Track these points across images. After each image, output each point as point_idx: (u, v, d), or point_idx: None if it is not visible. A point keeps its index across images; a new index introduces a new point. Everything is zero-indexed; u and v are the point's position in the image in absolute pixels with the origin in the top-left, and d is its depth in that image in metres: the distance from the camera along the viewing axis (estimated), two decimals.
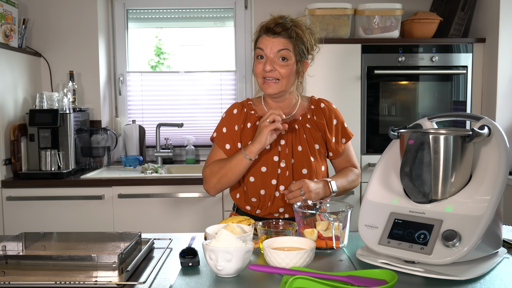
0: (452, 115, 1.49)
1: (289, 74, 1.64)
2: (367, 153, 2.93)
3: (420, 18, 2.91)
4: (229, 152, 1.73)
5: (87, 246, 1.41)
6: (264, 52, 1.63)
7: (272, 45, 1.62)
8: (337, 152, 1.76)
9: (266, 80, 1.64)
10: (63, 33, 3.29)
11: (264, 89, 1.66)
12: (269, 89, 1.65)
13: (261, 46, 1.64)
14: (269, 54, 1.62)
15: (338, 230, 1.34)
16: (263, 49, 1.63)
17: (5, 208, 2.78)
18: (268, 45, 1.62)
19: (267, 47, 1.63)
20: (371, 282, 1.03)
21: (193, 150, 3.43)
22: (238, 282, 1.15)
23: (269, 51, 1.62)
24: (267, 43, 1.63)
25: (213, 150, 1.77)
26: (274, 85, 1.64)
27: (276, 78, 1.63)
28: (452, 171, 1.22)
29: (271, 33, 1.62)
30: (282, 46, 1.62)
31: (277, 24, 1.62)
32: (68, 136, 2.95)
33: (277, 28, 1.61)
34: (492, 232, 1.20)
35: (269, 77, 1.63)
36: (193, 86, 3.56)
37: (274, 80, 1.64)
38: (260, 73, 1.65)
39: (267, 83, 1.64)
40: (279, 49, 1.62)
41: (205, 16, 3.56)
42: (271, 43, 1.62)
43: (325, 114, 1.75)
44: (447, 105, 2.98)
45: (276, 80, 1.64)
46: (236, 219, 1.45)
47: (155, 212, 2.82)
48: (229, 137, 1.73)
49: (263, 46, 1.63)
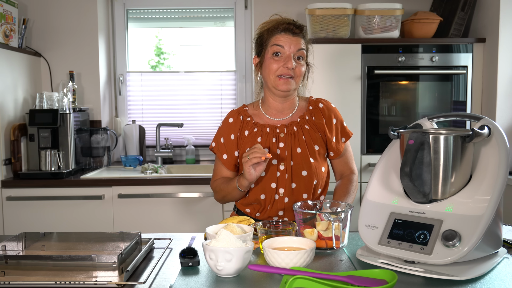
0: (452, 115, 1.49)
1: (302, 74, 1.68)
2: (367, 153, 2.93)
3: (420, 18, 2.91)
4: (226, 162, 1.74)
5: (87, 246, 1.41)
6: (284, 49, 1.64)
7: (294, 44, 1.64)
8: (338, 151, 1.76)
9: (283, 77, 1.64)
10: (63, 33, 3.29)
11: (279, 86, 1.65)
12: (286, 85, 1.65)
13: (280, 43, 1.64)
14: (289, 52, 1.64)
15: (338, 230, 1.34)
16: (283, 46, 1.64)
17: (5, 208, 2.78)
18: (291, 43, 1.64)
19: (288, 45, 1.64)
20: (371, 282, 1.03)
21: (193, 150, 3.43)
22: (238, 282, 1.15)
23: (290, 48, 1.64)
24: (288, 41, 1.64)
25: (216, 162, 1.81)
26: (290, 81, 1.65)
27: (291, 76, 1.64)
28: (452, 171, 1.22)
29: (291, 32, 1.65)
30: (301, 45, 1.65)
31: (295, 25, 1.66)
32: (68, 136, 2.95)
33: (296, 28, 1.65)
34: (492, 232, 1.20)
35: (286, 75, 1.64)
36: (193, 86, 3.56)
37: (289, 77, 1.65)
38: (276, 70, 1.65)
39: (284, 79, 1.64)
40: (298, 48, 1.64)
41: (205, 16, 3.56)
42: (293, 41, 1.64)
43: (324, 114, 1.75)
44: (447, 105, 2.98)
45: (291, 77, 1.65)
46: (236, 219, 1.45)
47: (155, 212, 2.82)
48: (226, 147, 1.74)
49: (283, 43, 1.64)
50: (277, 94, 1.71)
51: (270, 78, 1.67)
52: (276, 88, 1.67)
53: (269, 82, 1.68)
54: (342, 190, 1.75)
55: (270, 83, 1.67)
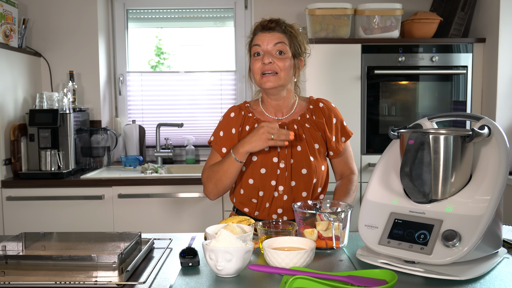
0: (452, 115, 1.49)
1: (286, 67, 1.66)
2: (367, 153, 2.93)
3: (420, 18, 2.91)
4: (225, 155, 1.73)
5: (87, 246, 1.41)
6: (261, 47, 1.65)
7: (269, 39, 1.65)
8: (338, 151, 1.76)
9: (265, 74, 1.65)
10: (63, 33, 3.29)
11: (263, 84, 1.66)
12: (268, 82, 1.64)
13: (257, 42, 1.66)
14: (266, 48, 1.64)
15: (338, 230, 1.34)
16: (260, 45, 1.65)
17: (5, 208, 2.78)
18: (265, 40, 1.65)
19: (263, 41, 1.65)
20: (371, 282, 1.03)
21: (193, 150, 3.43)
22: (238, 282, 1.15)
23: (266, 44, 1.65)
24: (263, 38, 1.65)
25: (211, 154, 1.79)
26: (273, 77, 1.64)
27: (274, 72, 1.64)
28: (452, 171, 1.22)
29: (266, 29, 1.66)
30: (278, 39, 1.65)
31: (270, 21, 1.67)
32: (68, 136, 2.95)
33: (271, 24, 1.66)
34: (492, 232, 1.20)
35: (267, 71, 1.64)
36: (193, 86, 3.56)
37: (272, 73, 1.64)
38: (258, 69, 1.65)
39: (266, 77, 1.64)
40: (275, 43, 1.65)
41: (205, 16, 3.56)
42: (268, 37, 1.65)
43: (324, 113, 1.75)
44: (447, 105, 2.98)
45: (274, 73, 1.64)
46: (236, 219, 1.45)
47: (155, 212, 2.82)
48: (225, 141, 1.74)
49: (260, 41, 1.66)
50: (266, 93, 1.72)
51: (256, 78, 1.68)
52: (261, 87, 1.69)
53: (256, 82, 1.70)
54: (342, 190, 1.75)
55: (257, 83, 1.69)
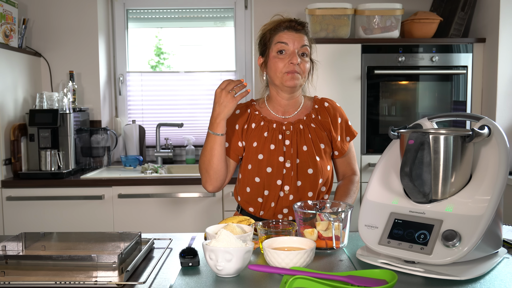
0: (452, 115, 1.49)
1: (307, 70, 1.68)
2: (367, 153, 2.93)
3: (420, 18, 2.91)
4: (227, 150, 1.73)
5: (87, 246, 1.41)
6: (288, 46, 1.64)
7: (298, 40, 1.64)
8: (343, 150, 1.76)
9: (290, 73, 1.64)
10: (63, 33, 3.29)
11: (287, 81, 1.64)
12: (294, 80, 1.64)
13: (284, 41, 1.64)
14: (293, 48, 1.64)
15: (338, 230, 1.34)
16: (287, 43, 1.64)
17: (5, 208, 2.78)
18: (294, 40, 1.64)
19: (292, 41, 1.64)
20: (371, 282, 1.03)
21: (193, 150, 3.43)
22: (238, 282, 1.15)
23: (294, 45, 1.64)
24: (292, 37, 1.64)
25: None
26: (298, 75, 1.65)
27: (297, 73, 1.64)
28: (452, 171, 1.22)
29: (293, 29, 1.66)
30: (304, 42, 1.66)
31: (298, 23, 1.67)
32: (68, 136, 2.95)
33: (298, 25, 1.66)
34: (492, 232, 1.20)
35: (294, 71, 1.64)
36: (193, 86, 3.56)
37: (296, 73, 1.65)
38: (283, 67, 1.64)
39: (291, 74, 1.63)
40: (302, 45, 1.65)
41: (205, 16, 3.56)
42: (297, 38, 1.64)
43: (329, 113, 1.75)
44: (447, 105, 2.98)
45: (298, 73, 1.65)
46: (236, 219, 1.45)
47: (155, 212, 2.82)
48: (228, 136, 1.73)
49: (287, 40, 1.64)
50: (284, 91, 1.70)
51: (277, 75, 1.66)
52: (283, 84, 1.66)
53: (276, 80, 1.67)
54: (343, 191, 1.75)
55: (278, 81, 1.67)
